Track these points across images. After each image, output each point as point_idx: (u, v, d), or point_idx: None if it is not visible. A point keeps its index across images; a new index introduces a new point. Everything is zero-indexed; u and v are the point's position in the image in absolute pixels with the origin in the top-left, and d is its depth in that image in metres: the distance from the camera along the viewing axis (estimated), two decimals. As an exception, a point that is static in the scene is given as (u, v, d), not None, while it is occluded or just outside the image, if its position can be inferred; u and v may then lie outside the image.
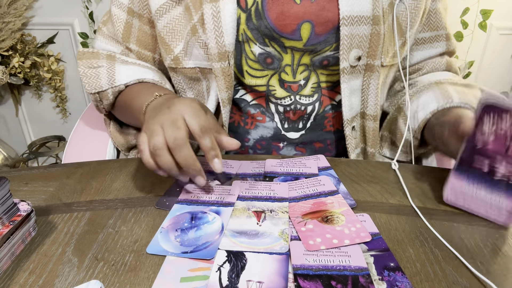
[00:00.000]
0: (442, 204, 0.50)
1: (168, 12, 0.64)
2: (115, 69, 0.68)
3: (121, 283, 0.38)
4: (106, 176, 0.56)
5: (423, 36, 0.72)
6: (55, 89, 1.70)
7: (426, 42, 0.72)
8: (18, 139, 1.85)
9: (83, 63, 0.69)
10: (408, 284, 0.37)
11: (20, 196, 0.51)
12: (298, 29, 0.60)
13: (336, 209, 0.48)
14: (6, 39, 1.52)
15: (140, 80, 0.66)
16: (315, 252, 0.41)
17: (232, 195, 0.50)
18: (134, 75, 0.67)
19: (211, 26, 0.60)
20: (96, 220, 0.47)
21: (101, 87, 0.67)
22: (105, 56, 0.70)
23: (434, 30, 0.71)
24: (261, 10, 0.60)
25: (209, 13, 0.59)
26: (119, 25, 0.71)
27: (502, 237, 0.44)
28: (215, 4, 0.59)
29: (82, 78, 0.68)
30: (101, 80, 0.67)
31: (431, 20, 0.70)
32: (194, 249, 0.42)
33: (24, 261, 0.41)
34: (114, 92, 0.67)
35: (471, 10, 1.50)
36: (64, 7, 1.57)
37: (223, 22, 0.59)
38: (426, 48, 0.73)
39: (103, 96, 0.68)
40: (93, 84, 0.67)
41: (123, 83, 0.66)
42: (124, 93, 0.67)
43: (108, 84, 0.66)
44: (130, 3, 0.69)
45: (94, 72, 0.68)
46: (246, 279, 0.38)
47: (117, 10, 0.70)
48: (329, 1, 0.59)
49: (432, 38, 0.72)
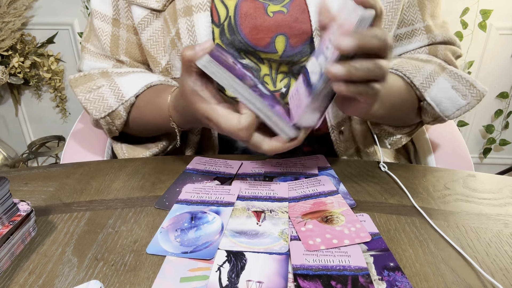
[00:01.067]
0: (441, 204, 0.50)
1: (150, 25, 0.63)
2: (117, 84, 0.63)
3: (121, 283, 0.38)
4: (106, 176, 0.56)
5: (398, 33, 0.68)
6: (54, 89, 1.70)
7: (403, 38, 0.68)
8: (18, 139, 1.85)
9: (80, 90, 0.64)
10: (407, 284, 0.37)
11: (20, 196, 0.51)
12: (273, 42, 0.59)
13: (336, 209, 0.48)
14: (6, 39, 1.52)
15: (147, 85, 0.63)
16: (315, 252, 0.41)
17: (232, 195, 0.50)
18: (140, 83, 0.63)
19: (187, 40, 0.60)
20: (96, 220, 0.47)
21: (111, 107, 0.62)
22: (99, 75, 0.65)
23: (410, 25, 0.66)
24: (234, 24, 0.59)
25: (184, 28, 0.60)
26: (105, 38, 0.67)
27: (502, 236, 0.44)
28: (189, 18, 0.59)
29: (86, 105, 0.63)
30: (107, 100, 0.62)
31: (404, 15, 0.66)
32: (194, 249, 0.42)
33: (24, 261, 0.41)
34: (126, 108, 0.63)
35: (471, 10, 1.50)
36: (64, 7, 1.57)
37: (198, 36, 0.59)
38: (404, 44, 0.68)
39: (114, 116, 0.63)
40: (100, 107, 0.62)
41: (133, 95, 0.62)
42: (136, 105, 0.63)
43: (117, 102, 0.62)
44: (115, 14, 0.66)
45: (96, 95, 0.63)
46: (246, 279, 0.38)
47: (101, 23, 0.67)
48: (302, 12, 0.58)
49: (408, 34, 0.67)
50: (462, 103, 0.61)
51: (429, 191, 0.53)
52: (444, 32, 0.67)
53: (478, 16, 1.51)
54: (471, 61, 1.60)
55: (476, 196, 0.52)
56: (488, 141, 1.76)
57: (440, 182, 0.55)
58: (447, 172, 0.58)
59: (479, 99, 0.62)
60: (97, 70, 0.67)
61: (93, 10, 0.67)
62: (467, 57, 1.59)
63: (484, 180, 0.56)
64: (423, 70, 0.61)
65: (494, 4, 1.49)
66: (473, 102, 0.62)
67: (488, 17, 1.50)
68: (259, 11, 0.59)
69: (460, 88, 0.61)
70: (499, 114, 1.70)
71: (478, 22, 1.51)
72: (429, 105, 0.61)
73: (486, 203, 0.50)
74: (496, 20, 1.53)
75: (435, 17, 0.67)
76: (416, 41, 0.67)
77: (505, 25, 1.54)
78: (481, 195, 0.52)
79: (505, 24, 1.54)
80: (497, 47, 1.59)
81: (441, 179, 0.56)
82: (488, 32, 1.55)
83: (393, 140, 0.69)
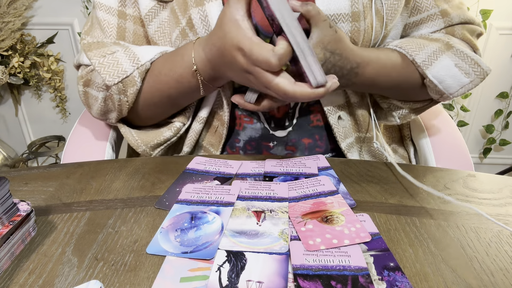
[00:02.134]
0: (441, 203, 0.50)
1: (157, 16, 0.63)
2: (132, 50, 0.61)
3: (121, 283, 0.38)
4: (106, 176, 0.56)
5: (414, 20, 0.69)
6: (54, 89, 1.70)
7: (419, 24, 0.69)
8: (18, 139, 1.85)
9: (94, 54, 0.61)
10: (407, 284, 0.37)
11: (19, 196, 0.51)
12: None
13: (336, 209, 0.48)
14: (6, 39, 1.52)
15: (163, 52, 0.62)
16: (315, 252, 0.41)
17: (232, 195, 0.50)
18: (155, 50, 0.62)
19: (201, 30, 0.60)
20: (96, 220, 0.47)
21: (125, 72, 0.60)
22: (113, 43, 0.64)
23: (424, 11, 0.68)
24: None
25: (197, 18, 0.59)
26: (111, 30, 0.66)
27: (502, 236, 0.44)
28: (201, 8, 0.59)
29: (99, 69, 0.60)
30: (122, 64, 0.60)
31: (417, 2, 0.67)
32: (194, 249, 0.42)
33: (24, 261, 0.41)
34: (142, 73, 0.60)
35: (471, 10, 1.50)
36: (64, 7, 1.57)
37: (212, 26, 0.59)
38: (420, 28, 0.70)
39: (128, 83, 0.60)
40: (114, 71, 0.60)
41: (148, 59, 0.60)
42: (152, 70, 0.61)
43: (132, 66, 0.60)
44: (121, 6, 0.65)
45: (111, 59, 0.60)
46: (246, 279, 0.38)
47: (106, 15, 0.65)
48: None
49: (424, 19, 0.68)
50: (465, 81, 0.63)
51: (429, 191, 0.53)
52: (461, 13, 0.68)
53: (478, 16, 1.51)
54: (471, 61, 1.60)
55: (476, 196, 0.52)
56: (488, 141, 1.76)
57: (440, 182, 0.55)
58: (447, 172, 0.58)
59: (483, 77, 0.63)
60: (109, 40, 0.66)
61: (97, 2, 0.66)
62: (467, 57, 1.59)
63: (484, 180, 0.56)
64: (427, 48, 0.63)
65: (494, 4, 1.49)
66: (476, 81, 0.63)
67: (488, 17, 1.50)
68: None
69: (464, 66, 0.62)
70: (499, 114, 1.70)
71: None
72: (431, 82, 0.62)
73: (486, 203, 0.50)
74: (496, 20, 1.53)
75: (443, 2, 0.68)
76: (432, 25, 0.69)
77: (505, 25, 1.54)
78: (481, 195, 0.52)
79: (505, 24, 1.54)
80: (497, 47, 1.59)
81: (441, 179, 0.56)
82: (488, 32, 1.55)
83: (402, 114, 0.70)
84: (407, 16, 0.68)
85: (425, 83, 0.64)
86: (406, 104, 0.69)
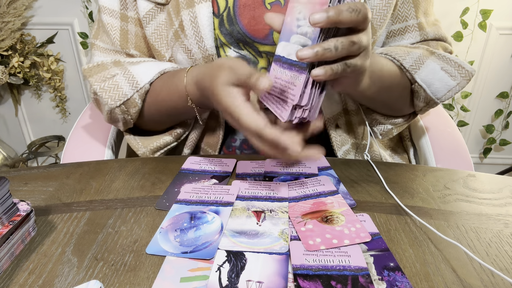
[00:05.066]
0: (441, 204, 0.50)
1: (155, 19, 0.64)
2: (131, 72, 0.63)
3: (120, 283, 0.38)
4: (106, 176, 0.56)
5: (392, 29, 0.69)
6: (54, 89, 1.70)
7: (396, 35, 0.69)
8: (18, 139, 1.85)
9: (95, 79, 0.63)
10: (408, 284, 0.37)
11: (19, 196, 0.51)
12: (271, 33, 0.60)
13: (336, 209, 0.48)
14: (6, 38, 1.52)
15: (161, 72, 0.63)
16: (315, 252, 0.41)
17: (231, 195, 0.50)
18: (154, 70, 0.63)
19: (191, 32, 0.61)
20: (96, 220, 0.47)
21: (126, 95, 0.62)
22: (112, 64, 0.66)
23: (403, 21, 0.68)
24: (232, 15, 0.61)
25: (187, 19, 0.60)
26: (114, 33, 0.67)
27: (502, 236, 0.44)
28: (192, 10, 0.60)
29: (102, 94, 0.62)
30: (122, 88, 0.62)
31: (399, 10, 0.67)
32: (193, 249, 0.42)
33: (24, 261, 0.41)
34: (141, 95, 0.63)
35: (471, 10, 1.50)
36: (64, 7, 1.57)
37: (201, 27, 0.60)
38: (396, 40, 0.70)
39: (129, 104, 0.63)
40: (115, 95, 0.62)
41: (147, 81, 0.62)
42: (151, 90, 0.63)
43: (132, 89, 0.62)
44: (123, 8, 0.67)
45: (111, 83, 0.63)
46: (246, 279, 0.38)
47: (109, 18, 0.67)
48: None
49: (401, 30, 0.68)
50: (452, 84, 0.63)
51: (429, 191, 0.53)
52: (436, 29, 0.69)
53: (478, 16, 1.51)
54: (471, 61, 1.60)
55: (476, 196, 0.52)
56: (488, 141, 1.76)
57: (440, 182, 0.55)
58: (447, 172, 0.58)
59: (469, 79, 0.63)
60: (110, 59, 0.67)
61: (101, 6, 0.68)
62: (467, 57, 1.59)
63: (484, 180, 0.56)
64: (412, 54, 0.63)
65: (494, 4, 1.49)
66: (462, 83, 0.63)
67: (488, 17, 1.50)
68: (257, 2, 0.60)
69: (449, 69, 0.63)
70: (499, 114, 1.70)
71: (478, 22, 1.51)
72: (420, 87, 0.63)
73: (486, 203, 0.50)
74: (496, 20, 1.53)
75: (428, 14, 0.69)
76: (408, 37, 0.69)
77: (505, 25, 1.54)
78: (481, 195, 0.52)
79: (505, 24, 1.54)
80: (497, 47, 1.59)
81: (441, 179, 0.56)
82: (488, 32, 1.55)
83: (384, 131, 0.70)
84: (391, 23, 0.68)
85: (413, 89, 0.64)
86: (388, 119, 0.69)
